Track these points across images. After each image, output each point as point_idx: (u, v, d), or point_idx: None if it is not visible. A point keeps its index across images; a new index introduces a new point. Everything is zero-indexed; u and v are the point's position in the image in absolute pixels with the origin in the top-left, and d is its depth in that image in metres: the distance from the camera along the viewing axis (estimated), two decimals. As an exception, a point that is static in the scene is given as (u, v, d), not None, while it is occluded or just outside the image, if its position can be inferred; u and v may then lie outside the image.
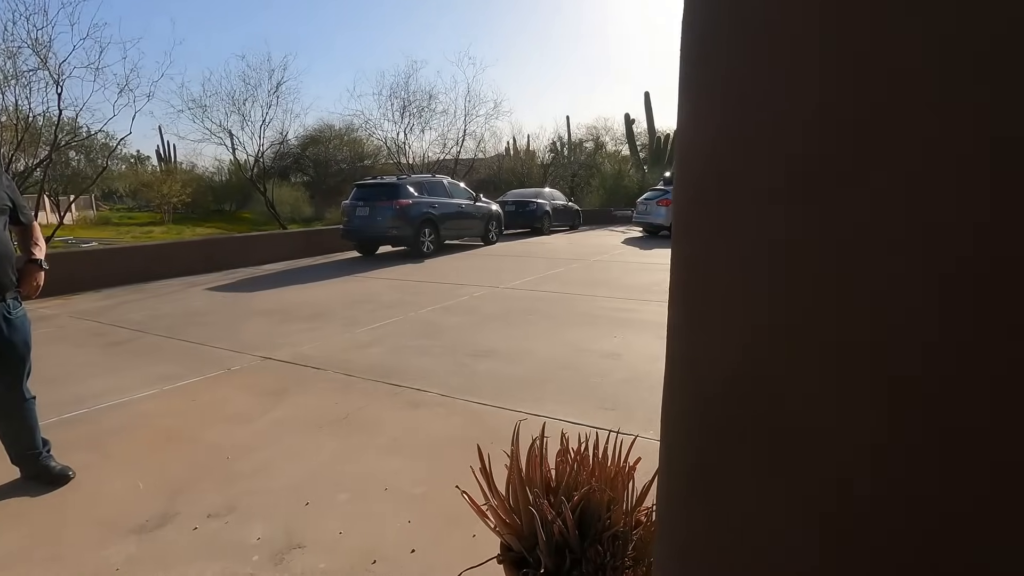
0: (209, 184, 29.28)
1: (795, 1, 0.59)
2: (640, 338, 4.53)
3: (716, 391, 0.82)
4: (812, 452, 0.67)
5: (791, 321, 0.67)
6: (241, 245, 10.35)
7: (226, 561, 1.85)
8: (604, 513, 1.42)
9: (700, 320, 0.85)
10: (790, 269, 0.68)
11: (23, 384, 2.33)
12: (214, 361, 4.15)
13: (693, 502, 0.92)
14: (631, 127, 25.40)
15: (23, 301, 2.31)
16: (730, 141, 0.71)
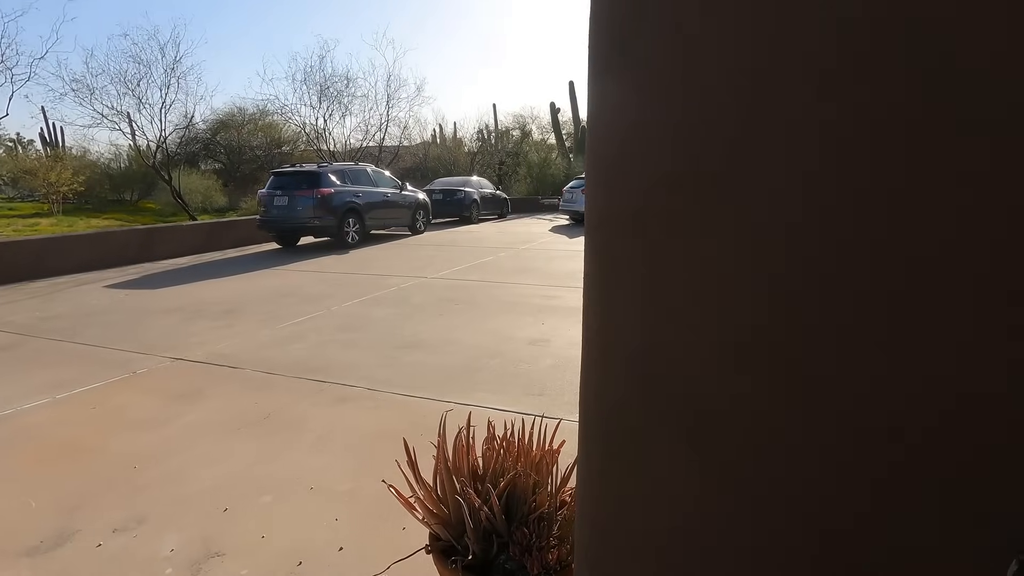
0: (106, 171, 26.69)
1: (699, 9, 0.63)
2: (565, 323, 4.65)
3: (624, 368, 0.87)
4: (719, 423, 0.73)
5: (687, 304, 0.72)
6: (144, 238, 9.56)
7: (138, 574, 1.73)
8: (530, 496, 1.47)
9: (610, 302, 0.90)
10: (686, 255, 0.73)
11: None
12: (116, 364, 3.84)
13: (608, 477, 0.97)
14: (556, 116, 25.77)
15: None
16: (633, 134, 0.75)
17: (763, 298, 0.64)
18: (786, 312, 0.62)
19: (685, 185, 0.70)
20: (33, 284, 7.09)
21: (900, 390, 0.55)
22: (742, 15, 0.59)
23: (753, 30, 0.59)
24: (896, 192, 0.52)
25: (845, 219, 0.55)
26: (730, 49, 0.61)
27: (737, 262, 0.65)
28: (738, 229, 0.65)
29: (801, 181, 0.58)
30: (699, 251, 0.68)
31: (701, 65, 0.63)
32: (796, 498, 0.64)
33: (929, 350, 0.53)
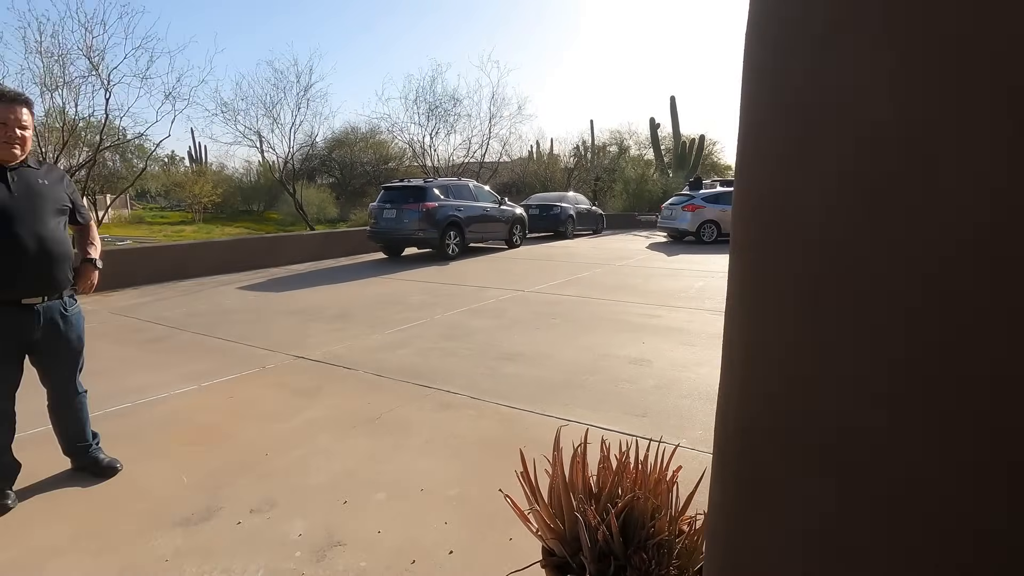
0: (238, 185, 29.92)
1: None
2: (667, 344, 4.50)
3: (765, 398, 0.83)
4: (876, 455, 0.67)
5: (840, 335, 0.67)
6: (270, 245, 10.55)
7: (270, 556, 1.89)
8: (648, 521, 1.43)
9: (756, 329, 0.86)
10: (840, 284, 0.69)
11: (76, 378, 2.42)
12: (248, 359, 4.25)
13: (750, 512, 0.92)
14: (656, 131, 25.26)
15: (78, 298, 2.40)
16: (790, 157, 0.71)
17: (921, 334, 0.58)
18: (940, 349, 0.57)
19: (846, 213, 0.66)
20: (180, 284, 8.04)
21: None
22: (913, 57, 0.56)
23: (925, 72, 0.56)
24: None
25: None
26: (901, 87, 0.57)
27: (893, 295, 0.60)
28: (892, 259, 0.60)
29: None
30: (856, 282, 0.63)
31: (866, 100, 0.60)
32: (948, 532, 0.58)
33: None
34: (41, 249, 2.14)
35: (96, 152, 10.74)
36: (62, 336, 2.29)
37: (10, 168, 2.12)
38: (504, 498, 1.54)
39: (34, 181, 2.18)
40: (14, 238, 2.08)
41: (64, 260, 2.25)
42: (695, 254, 10.97)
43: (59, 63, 9.97)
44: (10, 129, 2.08)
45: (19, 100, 2.14)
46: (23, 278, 2.14)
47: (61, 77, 9.97)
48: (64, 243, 2.26)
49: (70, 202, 2.32)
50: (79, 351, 2.40)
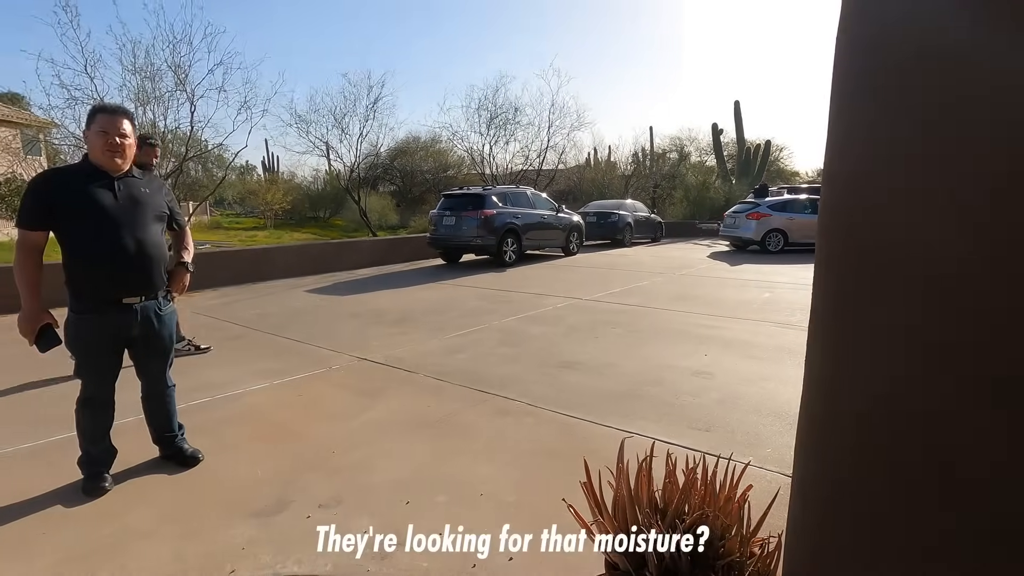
0: (307, 193, 31.41)
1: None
2: (731, 357, 4.35)
3: (854, 419, 0.78)
4: (982, 487, 0.62)
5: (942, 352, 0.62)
6: (335, 250, 10.99)
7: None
8: (718, 540, 1.38)
9: (846, 347, 0.81)
10: (943, 304, 0.64)
11: (167, 372, 2.61)
12: (315, 359, 4.43)
13: (836, 538, 0.87)
14: (719, 137, 24.54)
15: (171, 299, 2.59)
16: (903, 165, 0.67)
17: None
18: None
19: (945, 224, 0.61)
20: (254, 286, 8.51)
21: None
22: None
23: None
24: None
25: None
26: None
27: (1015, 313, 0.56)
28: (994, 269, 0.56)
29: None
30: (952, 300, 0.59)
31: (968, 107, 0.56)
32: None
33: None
34: (141, 253, 2.33)
35: (182, 162, 11.56)
36: (156, 333, 2.48)
37: (116, 177, 2.33)
38: (567, 508, 1.53)
39: (137, 190, 2.38)
40: (118, 243, 2.28)
41: (160, 263, 2.43)
42: (760, 264, 10.55)
43: (151, 80, 10.83)
44: (112, 139, 2.27)
45: (120, 112, 2.34)
46: (124, 280, 2.34)
47: (152, 93, 10.81)
48: (161, 248, 2.44)
49: (168, 209, 2.51)
50: (170, 348, 2.59)
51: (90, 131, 2.29)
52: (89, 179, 2.28)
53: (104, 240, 2.26)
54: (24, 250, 2.25)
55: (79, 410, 2.42)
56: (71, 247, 2.27)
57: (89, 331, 2.33)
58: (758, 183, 16.67)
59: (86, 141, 2.34)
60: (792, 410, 3.22)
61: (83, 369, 2.38)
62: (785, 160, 32.38)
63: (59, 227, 2.26)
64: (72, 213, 2.23)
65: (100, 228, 2.25)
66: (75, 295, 2.32)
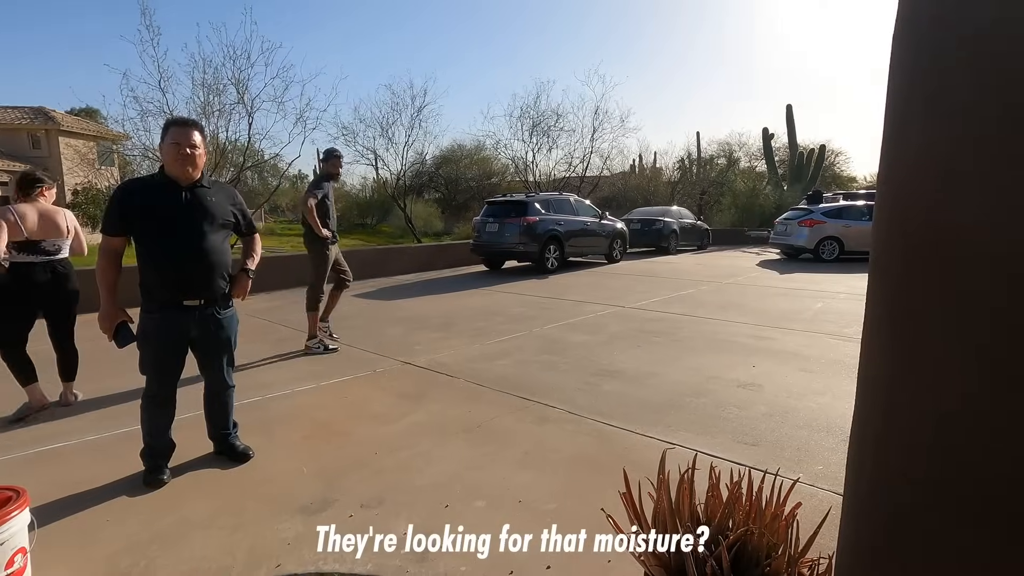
0: (355, 200, 32.33)
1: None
2: (780, 369, 4.19)
3: (913, 434, 0.73)
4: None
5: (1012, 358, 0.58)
6: (381, 256, 11.25)
7: (378, 550, 2.00)
8: (763, 558, 1.33)
9: (905, 354, 0.77)
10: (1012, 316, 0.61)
11: (226, 372, 2.74)
12: (361, 362, 4.55)
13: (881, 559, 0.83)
14: (769, 142, 23.78)
15: (232, 303, 2.72)
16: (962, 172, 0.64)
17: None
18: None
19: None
20: (302, 290, 8.76)
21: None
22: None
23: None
24: None
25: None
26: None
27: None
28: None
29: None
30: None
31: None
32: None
33: None
34: (201, 258, 2.48)
35: (240, 171, 12.15)
36: (215, 335, 2.61)
37: (186, 187, 2.48)
38: (606, 519, 1.51)
39: (204, 198, 2.53)
40: (180, 248, 2.43)
41: (221, 269, 2.57)
42: (812, 273, 10.14)
43: (215, 94, 11.45)
44: (182, 149, 2.42)
45: (191, 124, 2.50)
46: (185, 282, 2.48)
47: (216, 106, 11.44)
48: (223, 254, 2.58)
49: (234, 217, 2.66)
50: (230, 349, 2.72)
51: (164, 143, 2.46)
52: (161, 189, 2.45)
53: (168, 245, 2.42)
54: (105, 255, 2.46)
55: (143, 405, 2.56)
56: (142, 251, 2.46)
57: (154, 330, 2.48)
58: (811, 189, 16.06)
59: (161, 153, 2.52)
60: (848, 426, 3.07)
61: (147, 366, 2.53)
62: (841, 165, 31.11)
63: (134, 233, 2.45)
64: (144, 220, 2.42)
65: (166, 234, 2.42)
66: (145, 296, 2.49)
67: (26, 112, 24.96)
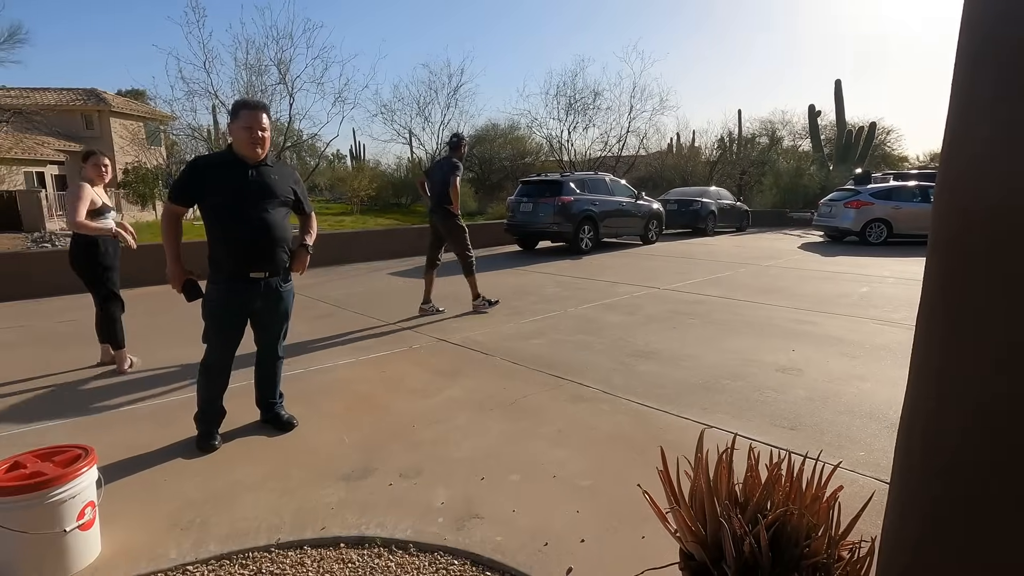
0: (390, 180, 32.62)
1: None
2: (821, 353, 4.09)
3: (965, 418, 0.72)
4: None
5: None
6: (416, 235, 11.35)
7: (416, 518, 2.07)
8: (802, 540, 1.32)
9: (962, 337, 0.75)
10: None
11: (280, 344, 2.87)
12: (397, 338, 4.65)
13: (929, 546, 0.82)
14: (816, 120, 22.79)
15: (291, 277, 2.84)
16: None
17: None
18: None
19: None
20: (340, 268, 9.00)
21: None
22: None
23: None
24: None
25: None
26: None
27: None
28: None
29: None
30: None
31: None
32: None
33: None
34: (267, 234, 2.61)
35: (280, 152, 12.41)
36: (275, 308, 2.76)
37: (252, 165, 2.60)
38: (643, 494, 1.53)
39: (268, 177, 2.65)
40: (247, 223, 2.56)
41: (284, 244, 2.71)
42: (858, 256, 9.78)
43: (258, 74, 11.67)
44: (254, 132, 2.54)
45: (260, 107, 2.61)
46: (251, 256, 2.61)
47: (259, 86, 11.66)
48: (285, 230, 2.71)
49: (293, 195, 2.77)
50: (287, 321, 2.86)
51: (235, 125, 2.56)
52: (229, 166, 2.58)
53: (236, 220, 2.55)
54: (167, 219, 2.63)
55: (201, 372, 2.71)
56: (211, 225, 2.59)
57: (220, 300, 2.61)
58: (859, 168, 15.39)
59: (230, 133, 2.63)
60: (892, 413, 3.00)
61: (211, 334, 2.66)
62: (892, 144, 29.63)
63: (202, 206, 2.58)
64: (213, 195, 2.55)
65: (233, 210, 2.54)
66: (213, 268, 2.63)
67: (79, 94, 25.98)
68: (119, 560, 1.86)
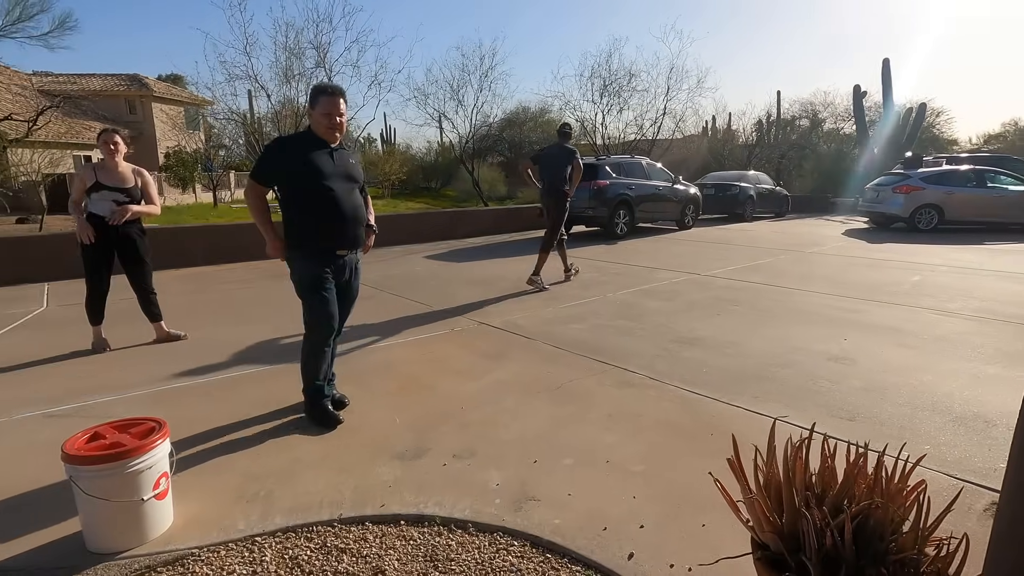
0: (420, 164, 32.72)
1: None
2: (875, 343, 3.96)
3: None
4: None
5: None
6: (450, 219, 11.40)
7: (473, 499, 2.09)
8: (888, 534, 1.28)
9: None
10: None
11: (343, 322, 2.92)
12: (439, 321, 4.68)
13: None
14: (861, 101, 21.82)
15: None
16: None
17: None
18: None
19: None
20: (376, 251, 9.08)
21: None
22: None
23: None
24: None
25: None
26: None
27: None
28: None
29: None
30: None
31: None
32: None
33: None
34: (354, 214, 2.70)
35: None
36: (351, 286, 2.87)
37: (333, 148, 2.66)
38: (714, 482, 1.50)
39: (346, 159, 2.72)
40: (339, 204, 2.63)
41: (363, 222, 2.80)
42: (906, 243, 9.41)
43: (296, 58, 11.77)
44: (333, 119, 2.59)
45: (338, 92, 2.65)
46: (344, 235, 2.69)
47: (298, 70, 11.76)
48: (363, 210, 2.80)
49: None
50: (355, 300, 2.95)
51: (315, 111, 2.60)
52: (315, 148, 2.62)
53: (330, 202, 2.61)
54: (257, 198, 2.70)
55: (311, 353, 2.73)
56: (300, 205, 2.62)
57: (316, 272, 2.66)
58: (908, 151, 14.74)
59: (310, 119, 2.67)
60: (956, 407, 2.88)
61: (317, 314, 2.68)
62: (942, 126, 28.26)
63: (288, 186, 2.62)
64: (302, 177, 2.59)
65: (325, 191, 2.60)
66: (300, 244, 2.66)
67: (123, 79, 26.70)
68: (191, 529, 1.93)
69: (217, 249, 7.93)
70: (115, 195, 3.82)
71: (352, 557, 1.78)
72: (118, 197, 3.82)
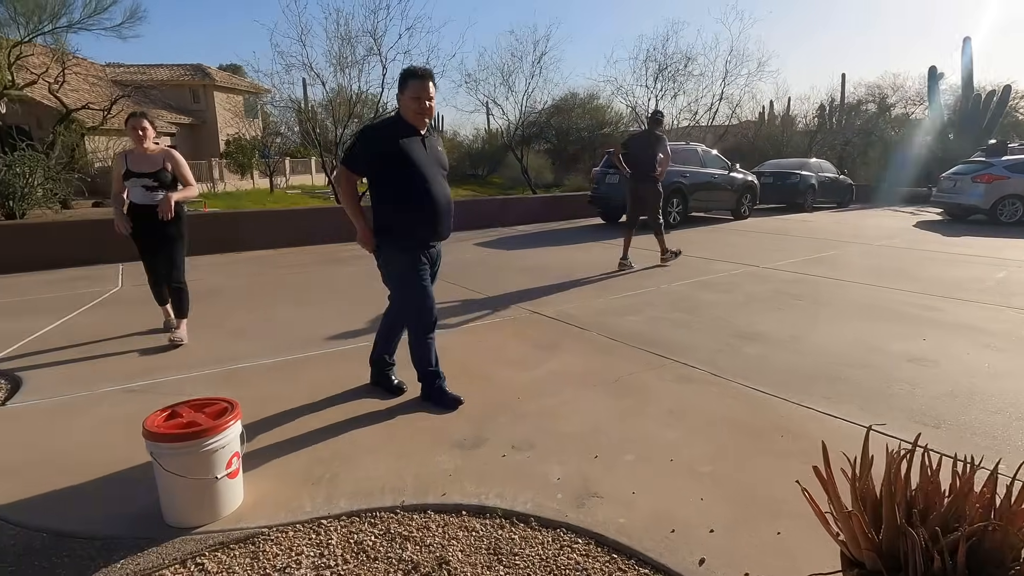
0: (468, 151, 32.78)
1: None
2: (958, 344, 3.68)
3: None
4: None
5: None
6: (499, 206, 11.37)
7: (535, 492, 2.06)
8: (1009, 560, 1.16)
9: None
10: None
11: None
12: (491, 309, 4.66)
13: None
14: (937, 83, 20.35)
15: None
16: None
17: None
18: None
19: None
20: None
21: None
22: None
23: None
24: None
25: None
26: None
27: None
28: None
29: None
30: None
31: None
32: None
33: None
34: (447, 203, 2.67)
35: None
36: (437, 272, 2.87)
37: (423, 135, 2.61)
38: (801, 492, 1.40)
39: (436, 146, 2.69)
40: (433, 193, 2.58)
41: (453, 212, 2.76)
42: (986, 237, 8.76)
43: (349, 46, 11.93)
44: (422, 102, 2.52)
45: (428, 75, 2.55)
46: (440, 225, 2.67)
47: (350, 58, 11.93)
48: (450, 197, 2.73)
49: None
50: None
51: (404, 96, 2.55)
52: (407, 135, 2.56)
53: (426, 192, 2.57)
54: (350, 186, 2.66)
55: (417, 343, 2.78)
56: (394, 193, 2.58)
57: (414, 262, 2.67)
58: (990, 138, 13.67)
59: (399, 103, 2.61)
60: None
61: (417, 303, 2.71)
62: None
63: (382, 174, 2.57)
64: (396, 164, 2.53)
65: (420, 179, 2.56)
66: (393, 236, 2.64)
67: (187, 69, 27.82)
68: (260, 509, 1.97)
69: (274, 233, 8.19)
70: (143, 181, 3.70)
71: (416, 545, 1.78)
72: (147, 183, 3.71)
